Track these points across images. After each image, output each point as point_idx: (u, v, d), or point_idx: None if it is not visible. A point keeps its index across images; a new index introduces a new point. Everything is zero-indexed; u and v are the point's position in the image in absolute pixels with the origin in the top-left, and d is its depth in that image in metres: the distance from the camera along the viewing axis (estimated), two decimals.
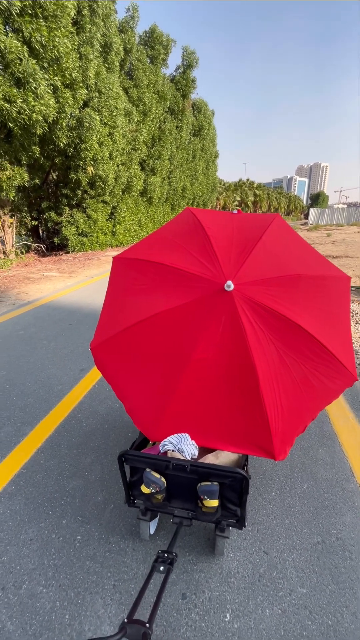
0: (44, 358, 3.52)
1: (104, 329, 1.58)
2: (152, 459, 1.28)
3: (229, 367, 1.31)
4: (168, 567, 1.07)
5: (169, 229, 1.75)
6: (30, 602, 1.33)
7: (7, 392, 2.86)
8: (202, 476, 1.26)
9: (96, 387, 2.94)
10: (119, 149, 11.85)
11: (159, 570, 1.07)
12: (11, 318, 4.87)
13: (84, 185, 11.02)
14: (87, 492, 1.85)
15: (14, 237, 10.45)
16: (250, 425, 1.31)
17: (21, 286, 6.89)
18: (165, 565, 1.08)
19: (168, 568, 1.07)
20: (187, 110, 18.60)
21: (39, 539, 1.59)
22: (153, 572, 1.05)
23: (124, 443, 2.25)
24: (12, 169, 8.17)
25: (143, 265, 1.56)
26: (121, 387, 1.52)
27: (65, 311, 5.20)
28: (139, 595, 0.93)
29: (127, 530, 1.63)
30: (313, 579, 1.40)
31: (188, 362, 1.33)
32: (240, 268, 1.37)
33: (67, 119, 8.66)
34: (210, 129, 22.68)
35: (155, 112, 14.51)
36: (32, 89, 6.95)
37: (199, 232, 1.58)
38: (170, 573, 1.06)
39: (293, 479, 1.93)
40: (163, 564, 1.08)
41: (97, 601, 1.33)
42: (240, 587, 1.37)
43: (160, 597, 0.94)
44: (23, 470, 2.02)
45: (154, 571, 1.06)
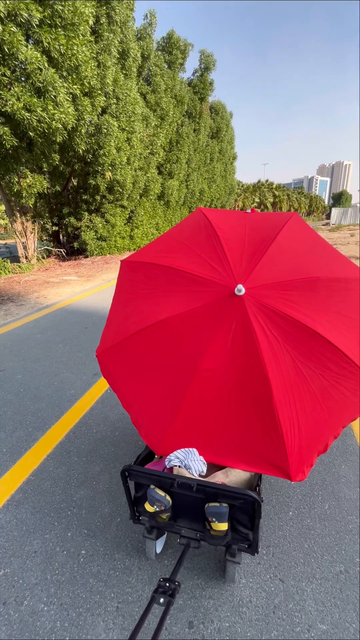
0: (59, 362, 3.53)
1: (110, 335, 1.52)
2: (156, 475, 1.20)
3: (239, 378, 1.21)
4: (169, 599, 0.98)
5: (179, 231, 1.67)
6: (30, 621, 1.28)
7: (20, 396, 2.88)
8: (210, 496, 1.16)
9: (108, 392, 2.90)
10: (137, 154, 11.95)
11: (158, 602, 0.98)
12: (30, 321, 4.96)
13: (102, 190, 11.18)
14: (94, 503, 1.79)
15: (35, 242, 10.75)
16: (264, 442, 1.20)
17: (41, 290, 7.04)
18: (165, 596, 0.99)
19: (169, 600, 0.98)
20: (205, 113, 18.56)
21: (43, 552, 1.54)
22: (152, 604, 0.97)
23: (133, 452, 2.18)
24: (32, 177, 8.41)
25: (150, 268, 1.49)
26: (127, 397, 1.45)
27: (81, 314, 5.23)
28: (135, 630, 0.85)
29: (133, 546, 1.55)
30: (335, 615, 1.26)
31: (195, 372, 1.25)
32: (252, 271, 1.27)
33: (85, 126, 8.82)
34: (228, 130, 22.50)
35: (173, 116, 14.56)
36: (51, 98, 7.12)
37: (209, 233, 1.49)
38: (170, 606, 0.97)
39: (313, 498, 1.79)
40: (163, 595, 0.99)
41: (99, 624, 1.26)
42: (253, 619, 1.26)
43: (158, 635, 0.85)
44: (32, 477, 2.00)
45: (153, 603, 0.97)
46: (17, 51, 6.30)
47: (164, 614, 0.93)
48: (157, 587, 1.02)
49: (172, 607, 0.98)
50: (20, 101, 6.62)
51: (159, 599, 0.98)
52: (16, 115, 6.70)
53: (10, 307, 5.77)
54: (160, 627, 0.87)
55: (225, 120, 21.32)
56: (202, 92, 17.47)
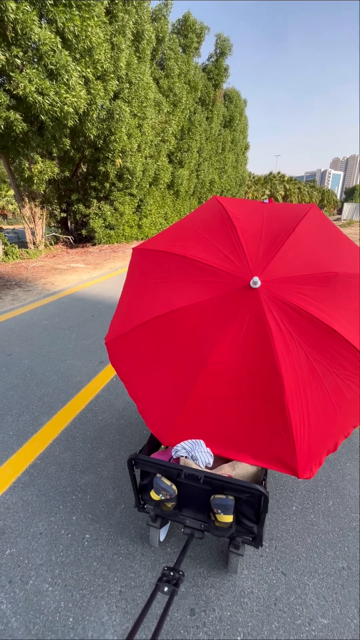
0: (65, 348, 3.55)
1: (119, 323, 1.51)
2: (163, 465, 1.20)
3: (251, 373, 1.19)
4: (173, 588, 0.99)
5: (193, 219, 1.63)
6: (35, 600, 1.31)
7: (27, 381, 2.90)
8: (217, 488, 1.16)
9: (114, 380, 2.91)
10: (148, 141, 11.75)
11: (162, 590, 0.99)
12: (37, 307, 4.97)
13: (112, 177, 11.06)
14: (98, 489, 1.81)
15: (43, 229, 10.72)
16: (272, 438, 1.19)
17: (48, 276, 7.05)
18: (170, 585, 0.99)
19: (173, 589, 0.98)
20: (219, 100, 18.10)
21: (48, 534, 1.57)
22: (156, 592, 0.97)
23: (138, 440, 2.19)
24: (43, 162, 8.33)
25: (163, 257, 1.47)
26: (134, 386, 1.44)
27: (88, 302, 5.24)
28: (139, 619, 0.86)
29: (137, 533, 1.57)
30: (336, 610, 1.27)
31: (205, 365, 1.23)
32: (269, 263, 1.24)
33: (97, 110, 8.67)
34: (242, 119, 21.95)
35: (186, 102, 14.23)
36: (64, 81, 6.98)
37: (224, 223, 1.45)
38: (174, 595, 0.98)
39: (317, 494, 1.79)
40: (168, 584, 1.00)
41: (102, 607, 1.28)
42: (254, 609, 1.27)
43: (162, 623, 0.85)
44: (37, 461, 2.02)
45: (157, 591, 0.98)
46: (30, 31, 6.16)
47: (168, 603, 0.94)
48: (161, 575, 1.03)
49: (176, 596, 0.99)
50: (32, 84, 6.51)
51: (163, 587, 0.99)
52: (28, 98, 6.60)
53: (17, 292, 5.80)
54: (165, 615, 0.88)
55: (239, 109, 20.78)
56: (216, 79, 17.01)
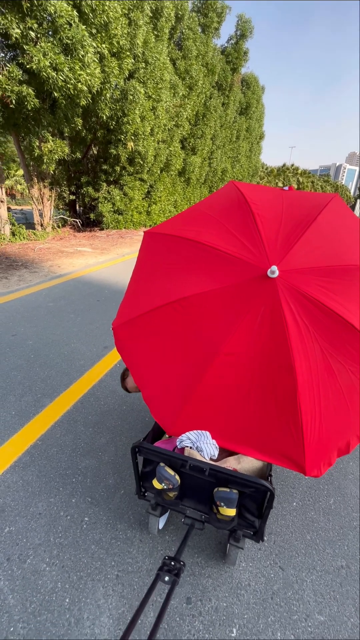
0: (70, 332, 3.53)
1: (128, 308, 1.46)
2: (167, 455, 1.18)
3: (263, 365, 1.15)
4: (174, 578, 0.97)
5: (209, 204, 1.57)
6: (32, 579, 1.31)
7: (31, 362, 2.90)
8: (221, 481, 1.14)
9: (118, 366, 2.89)
10: (161, 125, 11.45)
11: (163, 580, 0.98)
12: (42, 289, 4.95)
13: (123, 161, 10.84)
14: (99, 473, 1.81)
15: (51, 210, 10.60)
16: (281, 433, 1.16)
17: (55, 259, 7.00)
18: (170, 575, 0.98)
19: (173, 580, 0.97)
20: (236, 85, 17.51)
21: (47, 514, 1.57)
22: (157, 581, 0.96)
23: (140, 427, 2.18)
24: (53, 141, 8.16)
25: (176, 242, 1.41)
26: (140, 373, 1.41)
27: (94, 287, 5.20)
28: (139, 608, 0.84)
29: (136, 519, 1.57)
30: (333, 607, 1.26)
31: (216, 355, 1.19)
32: (288, 252, 1.18)
33: (111, 90, 8.42)
34: (258, 107, 21.26)
35: (202, 86, 13.78)
36: (79, 57, 6.76)
37: (242, 209, 1.39)
38: (175, 586, 0.97)
39: (318, 491, 1.77)
40: (169, 573, 0.99)
41: (99, 589, 1.29)
42: (251, 602, 1.27)
43: (163, 614, 0.84)
44: (39, 442, 2.02)
45: (158, 580, 0.97)
46: (46, 2, 5.93)
47: (169, 593, 0.92)
48: (161, 565, 1.02)
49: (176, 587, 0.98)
50: (46, 58, 6.31)
51: (163, 577, 0.98)
52: (41, 73, 6.41)
53: (24, 273, 5.76)
54: (166, 605, 0.87)
55: (256, 96, 20.12)
56: (235, 62, 16.42)
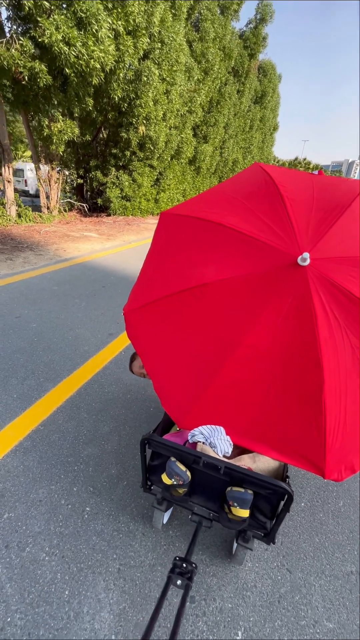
0: (74, 317, 3.45)
1: (141, 293, 1.38)
2: (179, 450, 1.11)
3: (287, 360, 1.07)
4: (187, 582, 0.91)
5: (232, 185, 1.46)
6: (31, 568, 1.26)
7: (34, 345, 2.83)
8: (235, 480, 1.07)
9: (123, 354, 2.83)
10: (174, 110, 11.13)
11: (175, 583, 0.92)
12: (47, 272, 4.85)
13: (133, 145, 10.58)
14: (101, 462, 1.76)
15: (58, 193, 10.42)
16: (302, 433, 1.09)
17: (60, 242, 6.88)
18: (183, 579, 0.92)
19: (186, 584, 0.91)
20: (252, 72, 16.97)
21: (47, 502, 1.52)
22: (169, 585, 0.90)
23: (144, 417, 2.12)
24: (63, 121, 7.93)
25: (196, 224, 1.32)
26: (152, 362, 1.33)
27: (100, 273, 5.10)
28: (154, 615, 0.78)
29: (139, 511, 1.52)
30: (342, 615, 1.21)
31: (237, 346, 1.11)
32: (320, 239, 1.09)
33: (124, 69, 8.14)
34: (274, 96, 20.66)
35: (218, 71, 13.35)
36: (93, 32, 6.50)
37: (270, 191, 1.29)
38: (189, 590, 0.91)
39: (327, 493, 1.71)
40: (181, 577, 0.93)
41: (100, 583, 1.24)
42: (257, 604, 1.22)
43: (179, 622, 0.78)
44: (41, 427, 1.97)
45: (170, 584, 0.91)
46: None
47: (183, 599, 0.86)
48: (172, 566, 0.96)
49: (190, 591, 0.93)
50: (59, 31, 6.06)
51: (175, 580, 0.92)
52: (54, 48, 6.17)
53: (29, 255, 5.66)
54: (181, 615, 0.81)
55: (272, 84, 19.53)
56: (253, 48, 15.88)
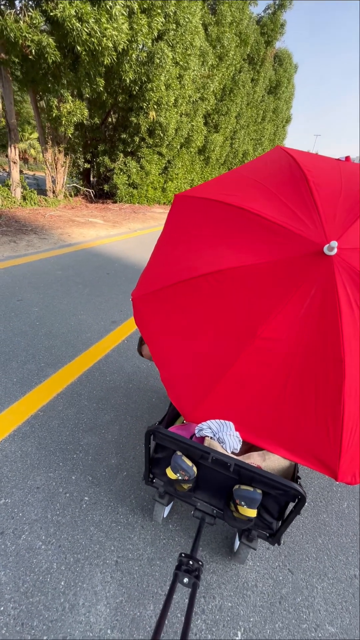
0: (77, 302, 3.39)
1: (151, 279, 1.31)
2: (186, 444, 1.05)
3: (306, 355, 1.01)
4: (194, 580, 0.87)
5: (253, 168, 1.38)
6: (27, 556, 1.23)
7: (36, 329, 2.77)
8: (245, 479, 1.02)
9: (125, 342, 2.77)
10: (186, 96, 10.83)
11: (182, 581, 0.87)
12: (51, 257, 4.77)
13: (142, 131, 10.33)
14: (101, 452, 1.72)
15: (65, 178, 10.23)
16: (316, 433, 1.03)
17: (65, 227, 6.77)
18: (190, 577, 0.88)
19: (194, 582, 0.87)
20: (268, 61, 16.48)
21: (45, 489, 1.48)
22: (176, 583, 0.86)
23: (146, 408, 2.07)
24: (73, 102, 7.72)
25: (214, 207, 1.24)
26: (160, 351, 1.27)
27: (104, 259, 5.01)
28: (162, 614, 0.74)
29: (138, 503, 1.48)
30: (345, 619, 1.18)
31: (252, 339, 1.04)
32: (348, 228, 1.01)
33: (137, 50, 7.88)
34: (289, 87, 20.10)
35: (233, 57, 12.95)
36: (106, 9, 6.27)
37: (295, 176, 1.21)
38: (197, 589, 0.86)
39: (331, 493, 1.67)
40: (188, 574, 0.88)
41: (97, 575, 1.20)
42: (257, 605, 1.18)
43: (189, 625, 0.74)
44: (40, 412, 1.92)
45: (177, 581, 0.86)
46: None
47: (191, 599, 0.82)
48: (178, 563, 0.91)
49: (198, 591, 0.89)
50: (72, 6, 5.83)
51: (182, 578, 0.88)
52: (65, 23, 5.94)
53: (32, 239, 5.56)
54: (190, 615, 0.76)
55: (287, 74, 19.00)
56: (270, 35, 15.38)
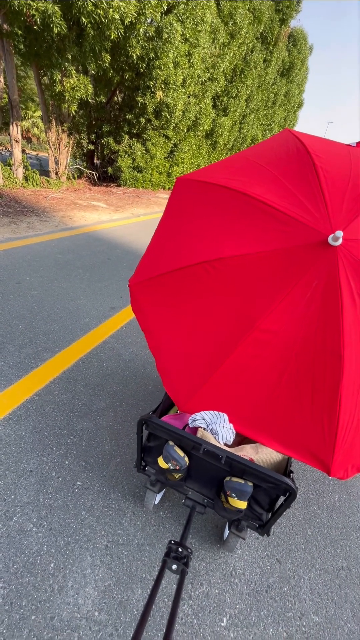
0: (77, 287, 3.35)
1: (149, 265, 1.27)
2: (179, 434, 1.04)
3: (305, 348, 0.98)
4: (182, 567, 0.87)
5: (258, 152, 1.31)
6: (17, 538, 1.24)
7: (34, 313, 2.75)
8: (236, 471, 1.01)
9: (123, 329, 2.75)
10: (195, 76, 10.44)
11: (170, 568, 0.87)
12: (52, 239, 4.70)
13: (149, 112, 10.02)
14: (95, 437, 1.72)
15: (68, 159, 10.00)
16: (311, 427, 1.01)
17: (67, 210, 6.65)
18: (179, 564, 0.88)
19: (182, 569, 0.87)
20: (282, 40, 15.79)
21: (38, 473, 1.49)
22: (164, 569, 0.86)
23: (142, 395, 2.07)
24: (77, 77, 7.45)
25: (217, 192, 1.18)
26: (157, 340, 1.25)
27: (106, 244, 4.94)
28: (150, 600, 0.74)
29: (130, 490, 1.49)
30: (330, 609, 1.19)
31: (249, 331, 1.01)
32: (355, 218, 0.96)
33: (145, 24, 7.54)
34: (302, 70, 19.28)
35: (245, 35, 12.39)
36: None
37: (302, 161, 1.15)
38: (185, 576, 0.86)
39: (323, 486, 1.68)
40: (176, 561, 0.88)
41: (86, 558, 1.22)
42: (244, 592, 1.20)
43: (176, 611, 0.74)
44: (35, 396, 1.92)
45: (165, 568, 0.86)
46: None
47: (179, 585, 0.82)
48: (167, 550, 0.91)
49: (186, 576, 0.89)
50: None
51: (171, 564, 0.88)
52: None
53: (33, 220, 5.47)
54: (177, 602, 0.76)
55: (302, 56, 18.21)
56: (285, 12, 14.64)
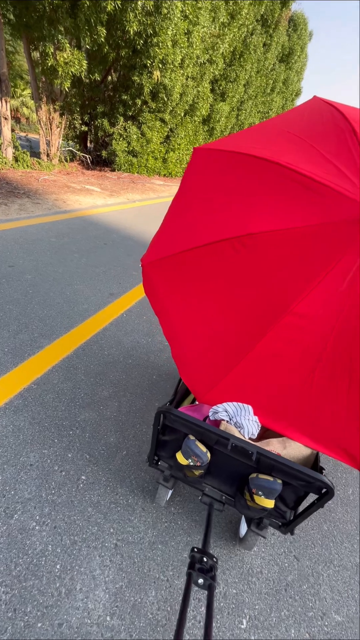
0: (73, 272, 3.19)
1: (165, 242, 1.15)
2: (201, 427, 0.95)
3: (342, 336, 0.89)
4: (210, 582, 0.79)
5: (287, 120, 1.19)
6: (19, 537, 1.14)
7: (29, 298, 2.60)
8: (264, 467, 0.93)
9: (124, 316, 2.63)
10: (193, 57, 10.06)
11: (196, 582, 0.79)
12: (45, 223, 4.48)
13: (145, 93, 9.64)
14: (99, 429, 1.62)
15: (60, 140, 9.58)
16: (345, 422, 0.93)
17: (60, 193, 6.38)
18: (206, 578, 0.79)
19: (210, 584, 0.79)
20: (282, 24, 15.34)
21: (39, 467, 1.39)
22: (191, 584, 0.77)
23: (146, 385, 1.97)
24: (70, 51, 7.05)
25: (241, 160, 1.06)
26: (173, 324, 1.14)
27: (101, 229, 4.75)
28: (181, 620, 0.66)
29: (138, 484, 1.40)
30: (352, 608, 1.14)
31: (283, 314, 0.92)
32: None
33: None
34: (302, 56, 18.87)
35: (246, 16, 11.96)
36: None
37: (339, 128, 1.03)
38: (214, 591, 0.78)
39: (336, 479, 1.63)
40: (203, 575, 0.80)
41: (95, 558, 1.13)
42: (263, 592, 1.14)
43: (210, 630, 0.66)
44: (33, 385, 1.80)
45: (192, 583, 0.78)
46: None
47: (209, 603, 0.74)
48: (191, 561, 0.83)
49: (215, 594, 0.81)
50: None
51: (197, 578, 0.79)
52: None
53: (25, 202, 5.22)
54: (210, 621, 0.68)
55: (301, 41, 17.81)
56: None
